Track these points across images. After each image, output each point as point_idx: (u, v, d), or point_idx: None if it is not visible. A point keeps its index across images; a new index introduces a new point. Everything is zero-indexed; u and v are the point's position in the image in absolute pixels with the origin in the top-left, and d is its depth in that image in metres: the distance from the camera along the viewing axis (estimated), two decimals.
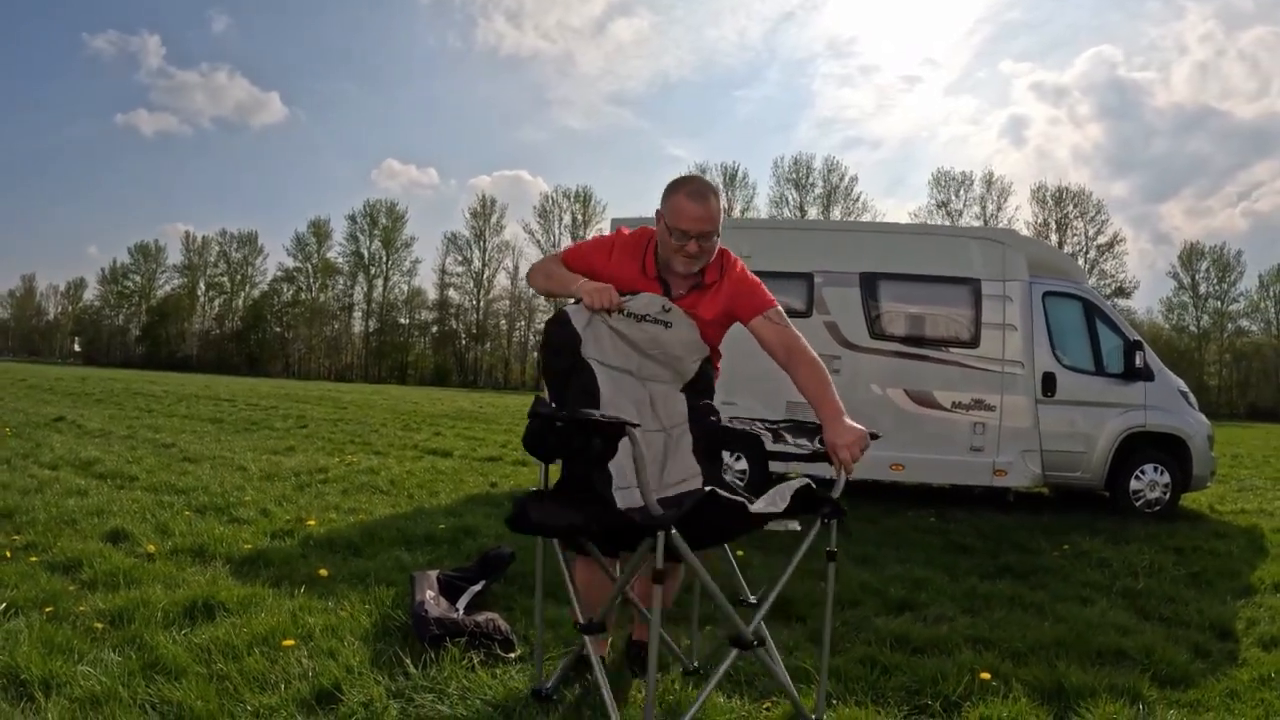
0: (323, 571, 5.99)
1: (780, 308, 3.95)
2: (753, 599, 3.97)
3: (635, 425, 3.26)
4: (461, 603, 5.08)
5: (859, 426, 3.58)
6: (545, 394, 3.88)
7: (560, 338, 3.88)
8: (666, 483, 3.85)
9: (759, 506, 3.49)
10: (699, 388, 4.07)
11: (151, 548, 6.45)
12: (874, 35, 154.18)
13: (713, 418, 4.06)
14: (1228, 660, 5.09)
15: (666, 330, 3.91)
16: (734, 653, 3.54)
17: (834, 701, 4.15)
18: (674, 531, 3.10)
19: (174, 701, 3.72)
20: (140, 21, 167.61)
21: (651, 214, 3.95)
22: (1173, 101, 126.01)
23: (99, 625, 4.67)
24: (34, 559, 5.99)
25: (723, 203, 3.97)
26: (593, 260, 4.08)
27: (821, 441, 3.64)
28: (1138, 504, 10.72)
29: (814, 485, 3.52)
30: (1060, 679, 4.53)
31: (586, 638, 3.63)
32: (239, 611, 5.01)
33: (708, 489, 3.25)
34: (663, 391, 4.00)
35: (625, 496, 3.67)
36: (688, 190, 3.81)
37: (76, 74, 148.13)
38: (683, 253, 3.82)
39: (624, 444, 3.63)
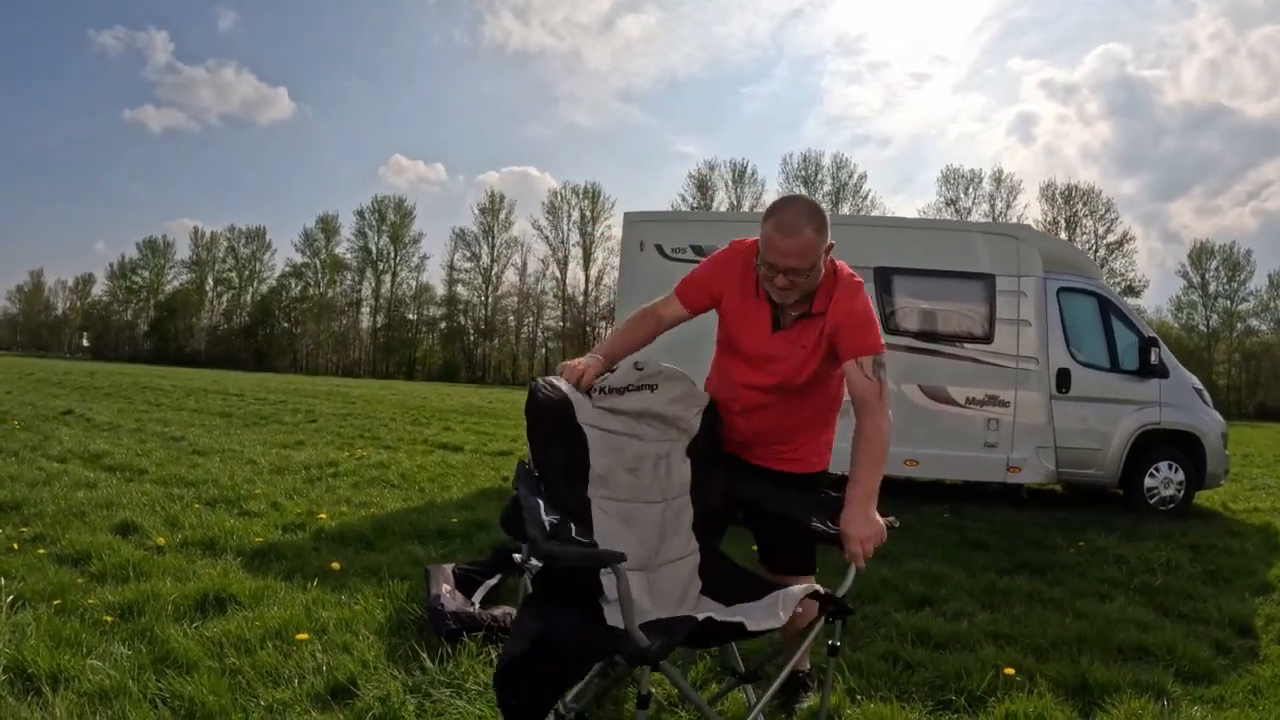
0: (335, 565, 5.96)
1: (880, 357, 3.53)
2: (741, 669, 3.70)
3: (621, 559, 2.76)
4: (477, 596, 5.04)
5: (880, 520, 3.32)
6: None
7: (546, 400, 3.47)
8: (663, 558, 3.54)
9: (758, 618, 3.06)
10: (706, 447, 3.74)
11: (161, 540, 6.42)
12: (882, 32, 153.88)
13: (716, 487, 3.71)
14: (1249, 657, 5.07)
15: (653, 393, 3.65)
16: None
17: (858, 697, 4.11)
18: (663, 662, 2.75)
19: (185, 696, 3.69)
20: (147, 17, 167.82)
21: (660, 208, 3.81)
22: (1182, 99, 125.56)
23: (108, 618, 4.64)
24: (42, 551, 5.98)
25: (825, 230, 3.39)
26: (704, 286, 3.82)
27: (826, 522, 3.36)
28: (1152, 501, 10.65)
29: (820, 591, 3.22)
30: (1084, 675, 4.51)
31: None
32: (251, 605, 4.99)
33: (702, 617, 2.94)
34: (666, 454, 3.68)
35: (613, 584, 3.08)
36: (778, 220, 3.37)
37: (83, 70, 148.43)
38: (772, 285, 3.45)
39: (606, 518, 3.44)
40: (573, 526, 2.92)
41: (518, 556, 3.39)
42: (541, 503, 3.04)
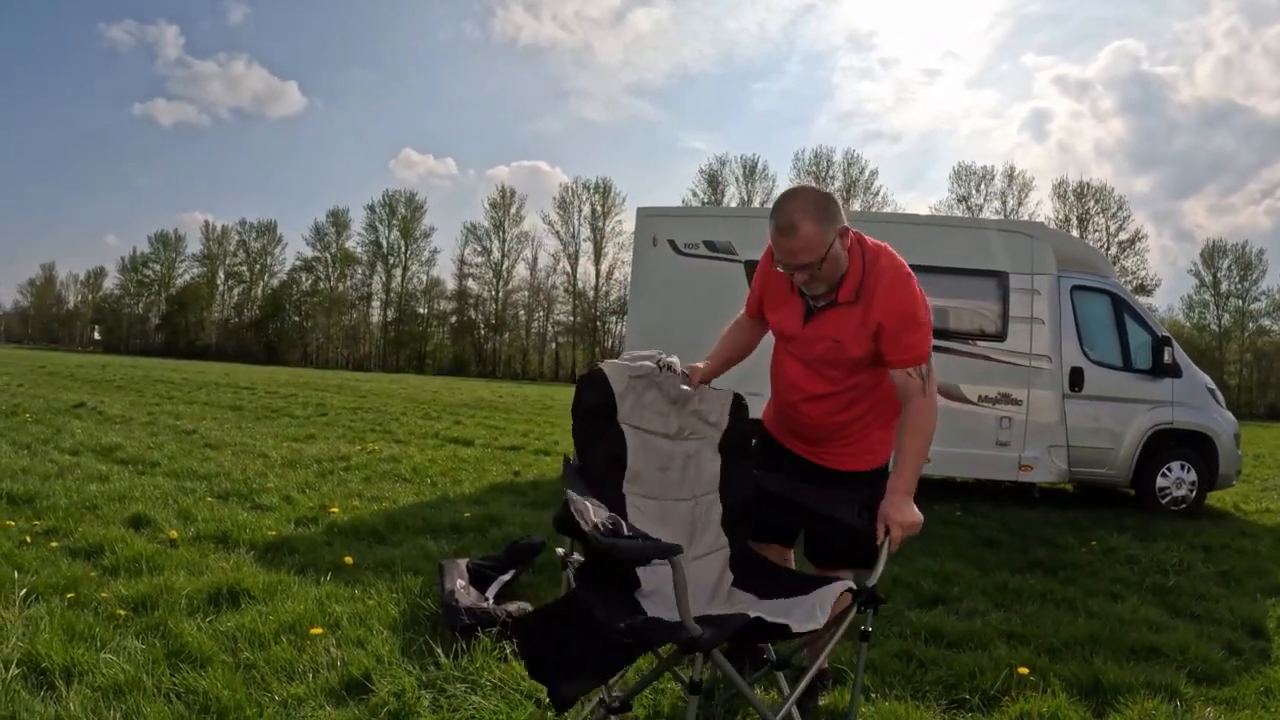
0: (348, 559, 5.96)
1: (928, 365, 3.51)
2: (773, 657, 3.87)
3: (679, 550, 2.82)
4: (491, 592, 5.04)
5: (919, 513, 3.36)
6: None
7: (593, 399, 3.66)
8: (694, 554, 3.61)
9: (800, 620, 3.11)
10: (735, 442, 3.83)
11: (174, 534, 6.43)
12: (894, 28, 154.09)
13: (746, 482, 3.77)
14: (1260, 658, 5.06)
15: (686, 388, 3.77)
16: None
17: (872, 695, 4.11)
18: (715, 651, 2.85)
19: (200, 691, 3.69)
20: (158, 11, 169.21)
21: (671, 203, 3.83)
22: (1196, 97, 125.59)
23: (121, 612, 4.65)
24: (55, 544, 5.99)
25: (829, 219, 3.35)
26: (754, 291, 3.93)
27: (863, 514, 3.39)
28: (1164, 501, 10.63)
29: (854, 587, 3.30)
30: (1097, 675, 4.51)
31: None
32: (264, 599, 4.98)
33: (753, 615, 3.06)
34: (696, 453, 3.79)
35: (649, 575, 3.41)
36: (776, 223, 3.38)
37: (94, 64, 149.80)
38: (794, 280, 3.51)
39: (639, 514, 3.58)
40: (623, 523, 2.96)
41: (560, 551, 3.47)
42: (592, 502, 3.08)
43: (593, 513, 2.99)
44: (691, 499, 3.72)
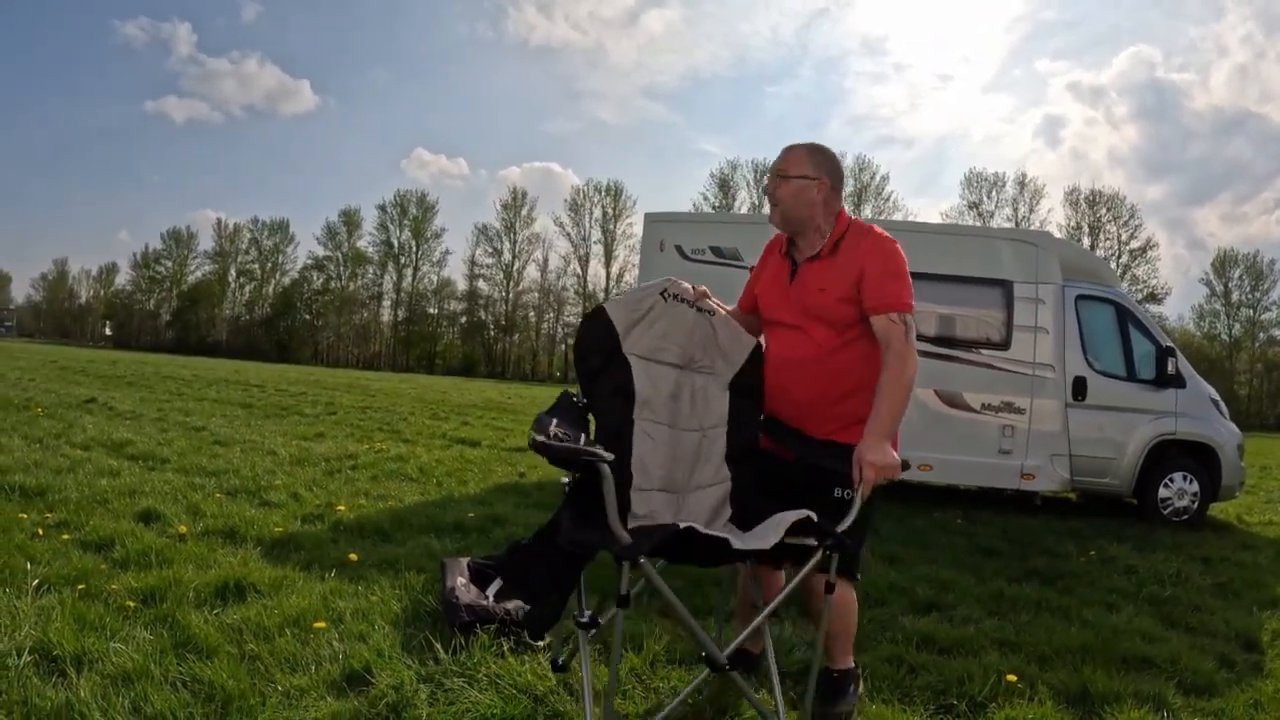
0: (352, 556, 6.04)
1: (903, 313, 3.66)
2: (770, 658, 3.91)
3: (608, 460, 3.18)
4: (491, 590, 5.10)
5: (896, 456, 3.45)
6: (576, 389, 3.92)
7: (593, 334, 3.94)
8: (695, 484, 3.85)
9: (746, 540, 3.34)
10: (746, 384, 3.97)
11: (183, 529, 6.51)
12: (907, 33, 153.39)
13: (752, 423, 3.94)
14: (1252, 671, 5.09)
15: (711, 318, 3.98)
16: (705, 673, 3.56)
17: (861, 698, 4.17)
18: (644, 561, 3.03)
19: (205, 680, 3.76)
20: (171, 8, 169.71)
21: (682, 207, 3.95)
22: (1211, 104, 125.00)
23: (131, 603, 4.71)
24: (66, 537, 6.06)
25: (820, 164, 3.85)
26: (750, 282, 4.22)
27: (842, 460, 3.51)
28: (1165, 512, 10.66)
29: (815, 518, 3.35)
30: (1086, 684, 4.55)
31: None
32: (270, 593, 5.06)
33: (684, 525, 3.17)
34: (704, 386, 3.97)
35: (643, 500, 3.74)
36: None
37: (107, 60, 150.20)
38: (765, 188, 3.96)
39: (648, 440, 3.79)
40: (582, 436, 3.40)
41: (564, 480, 3.66)
42: (555, 418, 3.46)
43: (552, 426, 3.39)
44: (699, 430, 3.91)
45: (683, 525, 3.18)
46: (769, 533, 3.31)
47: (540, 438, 3.24)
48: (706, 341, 3.97)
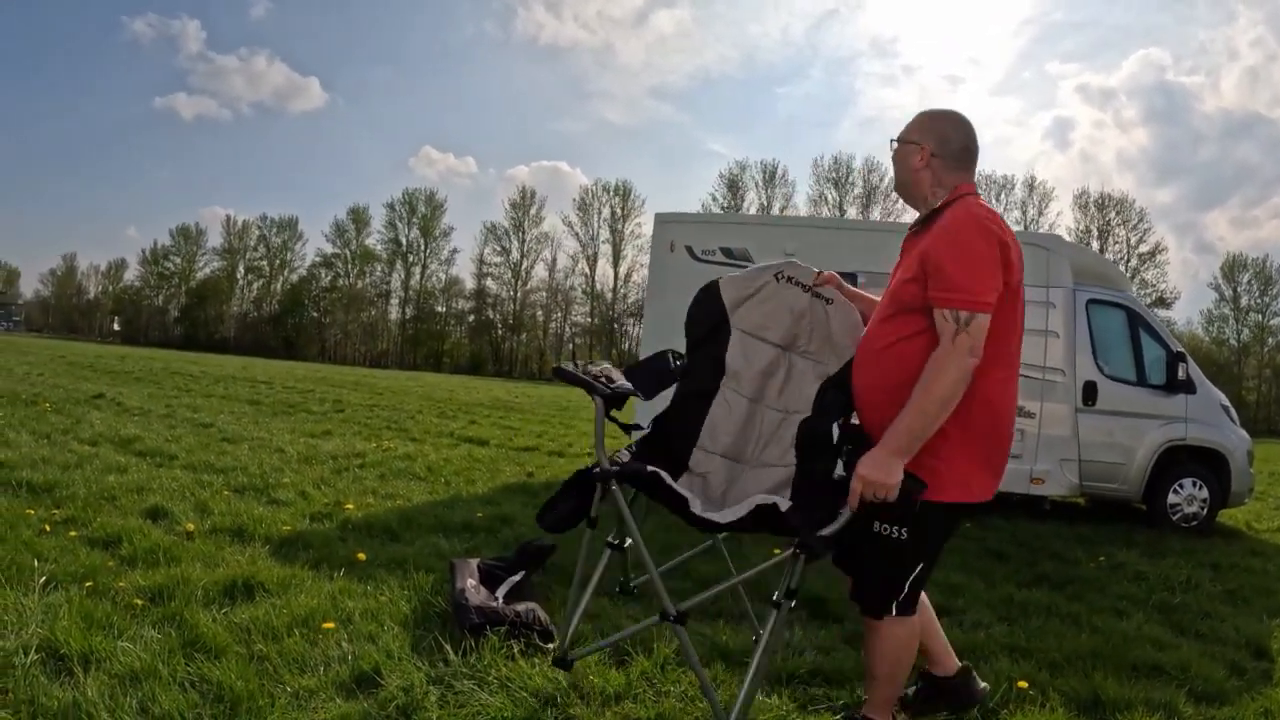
0: (361, 555, 6.04)
1: (957, 310, 3.17)
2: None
3: (603, 394, 3.69)
4: (501, 592, 5.10)
5: (896, 474, 3.12)
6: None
7: (703, 306, 4.12)
8: (761, 460, 3.91)
9: (714, 508, 3.57)
10: (842, 378, 3.76)
11: (191, 526, 6.51)
12: (917, 34, 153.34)
13: (830, 416, 3.73)
14: (1263, 679, 5.07)
15: (828, 306, 4.02)
16: (655, 619, 3.64)
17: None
18: (615, 486, 3.50)
19: (214, 681, 3.76)
20: (180, 5, 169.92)
21: (690, 207, 3.92)
22: (1221, 107, 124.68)
23: (139, 602, 4.71)
24: (73, 534, 6.06)
25: (926, 127, 3.57)
26: None
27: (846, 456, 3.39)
28: (1175, 518, 10.63)
29: (777, 507, 3.32)
30: (1097, 690, 4.54)
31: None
32: (278, 592, 5.06)
33: (650, 470, 3.51)
34: (803, 370, 4.03)
35: (704, 460, 3.95)
36: None
37: (116, 57, 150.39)
38: None
39: (725, 408, 3.99)
40: (605, 371, 3.87)
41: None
42: (610, 369, 3.95)
43: (595, 366, 3.87)
44: (783, 411, 3.97)
45: (651, 470, 3.51)
46: (740, 510, 3.41)
47: (564, 366, 3.80)
48: (816, 327, 4.02)
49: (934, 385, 3.15)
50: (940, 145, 3.51)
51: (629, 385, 3.89)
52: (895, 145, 3.64)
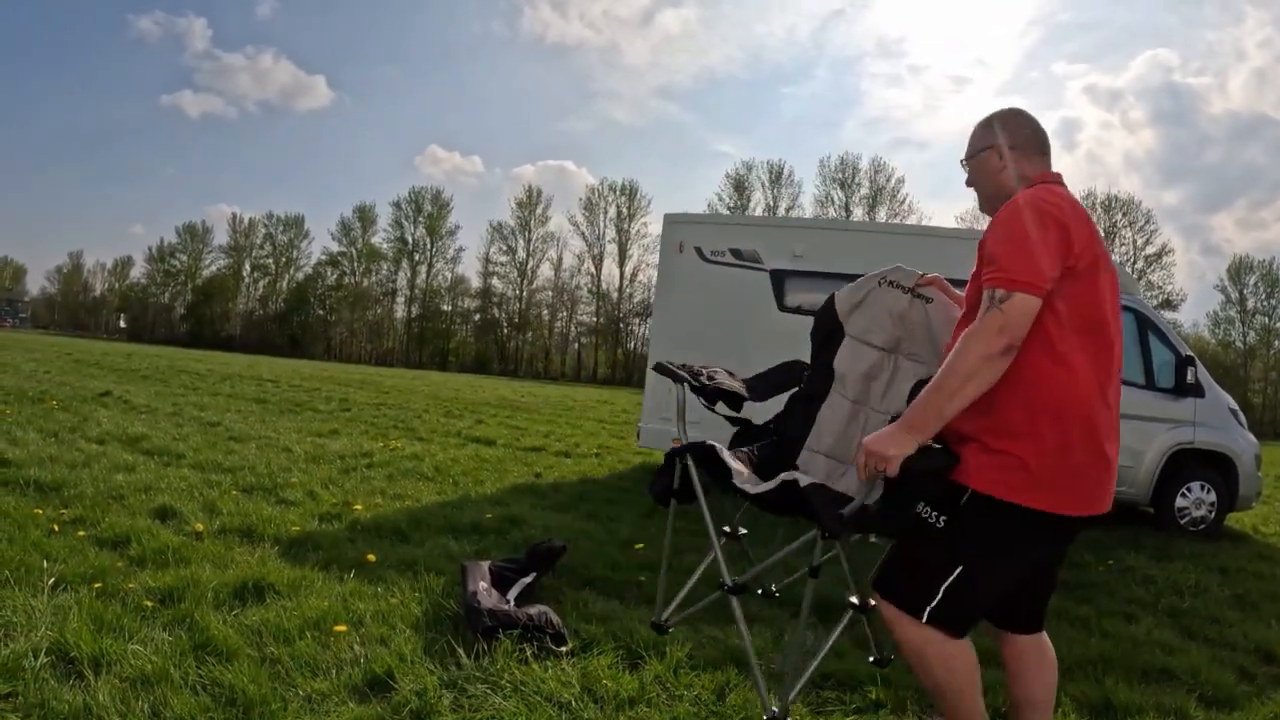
0: (370, 557, 6.03)
1: (995, 289, 2.99)
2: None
3: (685, 379, 4.16)
4: (512, 594, 5.09)
5: (903, 446, 2.98)
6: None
7: (822, 316, 4.42)
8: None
9: (750, 482, 3.75)
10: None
11: (200, 526, 6.50)
12: (923, 35, 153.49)
13: None
14: (1273, 684, 5.06)
15: (928, 305, 4.17)
16: (718, 594, 3.96)
17: (881, 710, 4.15)
18: (689, 460, 3.86)
19: (225, 684, 3.75)
20: (186, 3, 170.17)
21: (697, 207, 3.94)
22: (1228, 109, 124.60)
23: (149, 603, 4.69)
24: (82, 534, 6.04)
25: (992, 127, 3.47)
26: None
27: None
28: (1182, 522, 10.61)
29: (798, 484, 3.36)
30: (1108, 695, 4.53)
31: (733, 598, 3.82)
32: (289, 594, 5.05)
33: (708, 444, 3.86)
34: (906, 372, 4.20)
35: (808, 459, 4.23)
36: None
37: (122, 54, 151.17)
38: None
39: (830, 411, 4.25)
40: (712, 374, 4.33)
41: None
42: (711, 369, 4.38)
43: (699, 368, 4.31)
44: (885, 414, 4.13)
45: (712, 443, 3.86)
46: (770, 484, 3.58)
47: (668, 363, 4.24)
48: (918, 329, 4.17)
49: (956, 361, 2.98)
50: (1012, 136, 3.42)
51: (728, 384, 4.27)
52: (968, 163, 3.54)
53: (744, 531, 4.44)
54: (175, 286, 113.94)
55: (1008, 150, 3.40)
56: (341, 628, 4.52)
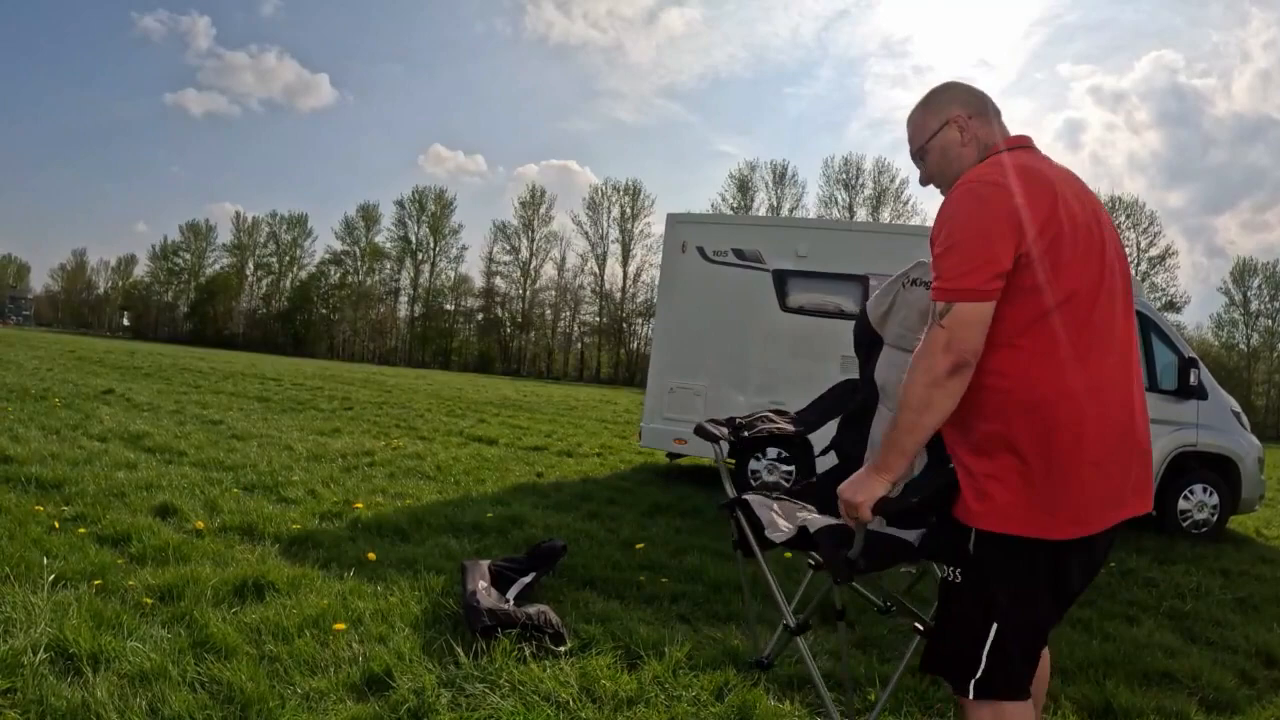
0: (371, 555, 6.03)
1: (944, 306, 2.58)
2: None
3: (717, 437, 4.06)
4: (511, 593, 5.09)
5: (873, 490, 2.69)
6: None
7: (858, 330, 4.37)
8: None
9: (781, 526, 3.71)
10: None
11: (200, 524, 6.49)
12: (928, 35, 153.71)
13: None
14: (1274, 688, 5.06)
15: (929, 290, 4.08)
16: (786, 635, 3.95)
17: (885, 712, 4.14)
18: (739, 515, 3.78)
19: (224, 681, 3.74)
20: (190, 1, 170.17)
21: (700, 207, 3.89)
22: (1233, 110, 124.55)
23: (148, 601, 4.69)
24: (83, 531, 6.03)
25: (933, 106, 2.98)
26: None
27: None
28: (1185, 524, 10.59)
29: (807, 529, 3.39)
30: (1109, 698, 4.52)
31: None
32: (289, 592, 5.04)
33: (740, 498, 3.81)
34: None
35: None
36: None
37: (126, 53, 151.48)
38: None
39: (880, 422, 4.11)
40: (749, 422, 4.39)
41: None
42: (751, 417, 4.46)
43: (741, 419, 4.38)
44: None
45: (742, 498, 3.83)
46: (789, 532, 3.57)
47: (707, 424, 4.24)
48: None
49: (905, 393, 2.61)
50: (964, 105, 2.93)
51: (774, 427, 4.36)
52: (925, 151, 2.99)
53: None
54: (179, 285, 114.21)
55: (968, 120, 2.92)
56: (341, 626, 4.51)
